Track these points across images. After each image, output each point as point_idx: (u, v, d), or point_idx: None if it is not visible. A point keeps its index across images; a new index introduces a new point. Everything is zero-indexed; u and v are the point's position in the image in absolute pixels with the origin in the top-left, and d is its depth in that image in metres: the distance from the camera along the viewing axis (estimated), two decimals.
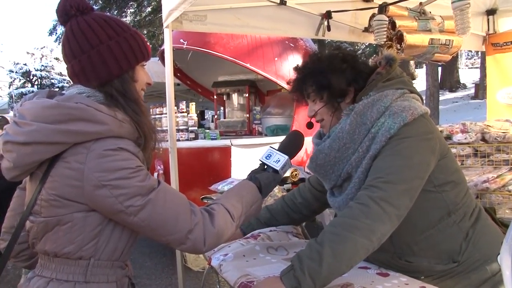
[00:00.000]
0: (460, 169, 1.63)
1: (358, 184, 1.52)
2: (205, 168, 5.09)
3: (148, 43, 1.41)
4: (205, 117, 10.35)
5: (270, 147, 1.59)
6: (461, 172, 1.62)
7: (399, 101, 1.54)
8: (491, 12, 4.11)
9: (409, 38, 2.88)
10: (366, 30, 3.47)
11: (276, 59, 5.58)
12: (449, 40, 3.05)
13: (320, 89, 1.62)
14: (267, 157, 1.55)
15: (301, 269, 1.31)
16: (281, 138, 5.57)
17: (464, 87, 23.18)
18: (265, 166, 1.55)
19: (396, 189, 1.39)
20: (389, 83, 1.59)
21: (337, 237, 1.35)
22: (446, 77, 22.28)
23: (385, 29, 2.92)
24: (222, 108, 7.10)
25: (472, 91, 21.57)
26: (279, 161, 1.52)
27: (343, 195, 1.60)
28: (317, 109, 1.66)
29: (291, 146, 1.61)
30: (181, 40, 5.35)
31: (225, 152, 5.16)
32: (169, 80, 2.96)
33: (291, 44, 5.81)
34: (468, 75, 26.91)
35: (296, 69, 1.71)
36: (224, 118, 6.91)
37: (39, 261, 1.33)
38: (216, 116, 6.85)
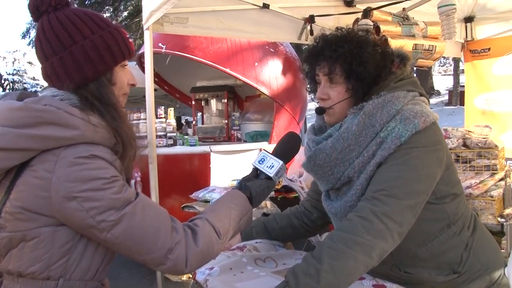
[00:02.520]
0: (460, 180, 1.58)
1: (359, 192, 1.43)
2: (185, 175, 5.01)
3: (130, 39, 1.30)
4: (182, 123, 10.23)
5: (264, 150, 1.48)
6: (461, 183, 1.57)
7: (411, 104, 1.45)
8: (469, 19, 4.16)
9: (394, 43, 2.85)
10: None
11: (256, 64, 5.54)
12: (432, 45, 3.05)
13: (352, 78, 1.46)
14: (260, 162, 1.44)
15: (297, 286, 1.23)
16: (261, 144, 5.61)
17: (438, 93, 23.63)
18: (258, 172, 1.45)
19: (400, 205, 1.32)
20: (400, 84, 1.49)
21: (336, 252, 1.27)
22: (421, 83, 22.37)
23: (369, 31, 2.90)
24: (200, 113, 7.03)
25: (446, 97, 22.01)
26: (273, 166, 1.42)
27: (341, 201, 1.51)
28: (337, 98, 1.49)
29: (287, 149, 1.50)
30: (160, 44, 5.26)
31: (204, 158, 5.10)
32: (149, 85, 2.87)
33: (272, 50, 5.78)
34: (441, 81, 27.50)
35: (325, 40, 1.51)
36: (203, 124, 6.85)
37: (3, 281, 1.20)
38: (194, 122, 6.78)
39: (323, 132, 1.62)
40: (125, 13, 19.51)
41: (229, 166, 5.15)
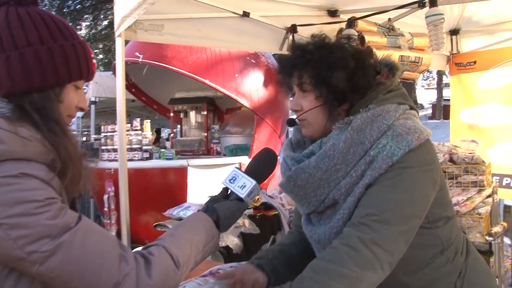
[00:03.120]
0: (451, 201, 1.49)
1: (346, 216, 1.32)
2: (160, 191, 4.95)
3: (93, 60, 1.17)
4: (161, 135, 10.12)
5: (236, 168, 1.37)
6: (452, 205, 1.48)
7: (403, 119, 1.36)
8: (454, 32, 4.15)
9: (379, 55, 2.80)
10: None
11: (236, 75, 5.52)
12: (419, 57, 3.01)
13: (320, 84, 1.40)
14: (231, 181, 1.32)
15: None
16: (240, 158, 5.60)
17: (422, 107, 23.97)
18: (228, 192, 1.33)
19: (391, 231, 1.22)
20: (390, 96, 1.40)
21: (318, 285, 1.16)
22: None
23: (354, 44, 2.84)
24: (179, 126, 7.01)
25: (430, 111, 22.32)
26: (244, 186, 1.30)
27: (325, 226, 1.40)
28: (308, 107, 1.43)
29: (261, 168, 1.38)
30: (137, 53, 5.20)
31: (181, 173, 5.05)
32: (120, 95, 2.75)
33: (253, 60, 5.76)
34: (425, 95, 27.91)
35: (297, 48, 1.47)
36: (181, 136, 6.83)
37: None
38: (172, 135, 6.70)
39: (302, 147, 1.53)
40: (105, 22, 19.30)
41: (207, 181, 5.09)
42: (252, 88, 5.56)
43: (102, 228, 1.08)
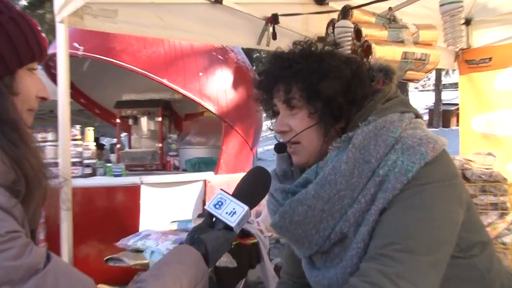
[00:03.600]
0: (483, 224, 1.53)
1: (362, 251, 1.33)
2: (107, 215, 4.90)
3: (42, 34, 1.15)
4: (104, 146, 9.99)
5: (222, 190, 1.37)
6: (485, 227, 1.52)
7: (410, 129, 1.40)
8: (465, 22, 4.11)
9: (378, 51, 2.85)
10: (320, 39, 3.42)
11: (200, 74, 5.56)
12: (426, 54, 3.06)
13: (314, 98, 1.41)
14: (217, 206, 1.32)
15: None
16: (205, 175, 5.61)
17: None
18: (214, 219, 1.32)
19: (419, 262, 1.23)
20: (389, 105, 1.44)
21: None
22: None
23: (350, 38, 2.87)
24: (127, 135, 6.99)
25: (426, 117, 22.83)
26: (234, 213, 1.30)
27: (336, 267, 1.41)
28: (300, 127, 1.45)
29: (254, 190, 1.39)
30: (76, 45, 5.13)
31: (133, 192, 5.04)
32: (64, 96, 2.77)
33: (220, 57, 5.80)
34: (419, 99, 28.55)
35: (278, 57, 1.49)
36: (130, 148, 6.81)
37: None
38: (119, 146, 6.63)
39: (290, 179, 1.55)
40: (24, 2, 18.92)
41: (165, 202, 5.09)
42: (219, 89, 5.60)
43: (76, 269, 1.04)
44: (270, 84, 1.48)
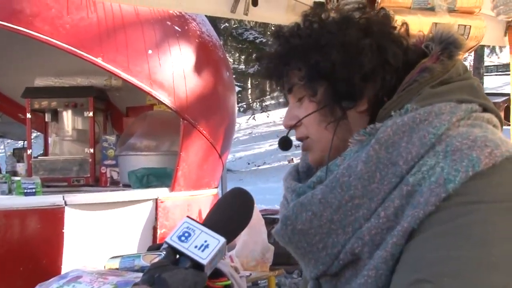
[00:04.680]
0: None
1: (373, 282, 1.36)
2: (16, 251, 4.85)
3: None
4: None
5: (188, 217, 1.41)
6: None
7: (465, 126, 1.40)
8: None
9: (400, 22, 2.90)
10: (318, 6, 3.49)
11: (150, 52, 5.55)
12: (465, 26, 3.08)
13: (313, 79, 1.49)
14: (183, 238, 1.36)
15: None
16: (157, 192, 5.63)
17: None
18: (177, 255, 1.36)
19: None
20: (445, 90, 1.46)
21: None
22: None
23: (361, 5, 2.91)
24: (42, 135, 7.02)
25: None
26: (206, 246, 1.35)
27: None
28: (302, 115, 1.54)
29: (232, 217, 1.45)
30: None
31: (54, 218, 5.01)
32: None
33: (177, 28, 5.80)
34: None
35: (278, 35, 1.57)
36: (46, 154, 6.84)
37: None
38: (30, 152, 6.57)
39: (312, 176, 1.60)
40: None
41: (99, 230, 5.08)
42: (176, 74, 5.57)
43: None
44: (273, 70, 1.57)
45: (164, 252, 1.40)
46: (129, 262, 3.53)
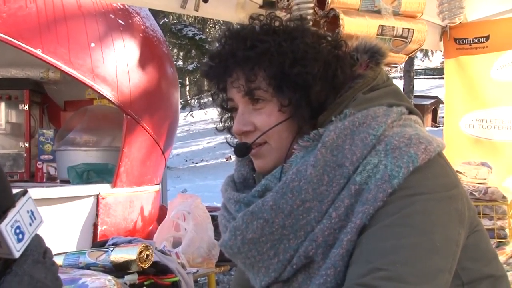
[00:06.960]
0: (497, 253, 1.63)
1: (332, 279, 1.42)
2: None
3: None
4: None
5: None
6: (498, 257, 1.63)
7: (398, 126, 1.51)
8: None
9: (348, 24, 2.93)
10: (269, 4, 3.49)
11: (92, 45, 5.44)
12: (408, 29, 3.15)
13: (287, 87, 1.52)
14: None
15: None
16: (98, 187, 5.52)
17: None
18: None
19: None
20: (375, 95, 1.56)
21: None
22: None
23: (312, 5, 2.93)
24: None
25: None
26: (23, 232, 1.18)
27: None
28: (269, 124, 1.55)
29: None
30: None
31: None
32: None
33: (121, 21, 5.72)
34: None
35: (234, 35, 1.58)
36: None
37: None
38: None
39: (250, 187, 1.64)
40: None
41: (41, 230, 4.91)
42: (119, 68, 5.49)
43: None
44: (226, 71, 1.57)
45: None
46: (73, 259, 3.44)
